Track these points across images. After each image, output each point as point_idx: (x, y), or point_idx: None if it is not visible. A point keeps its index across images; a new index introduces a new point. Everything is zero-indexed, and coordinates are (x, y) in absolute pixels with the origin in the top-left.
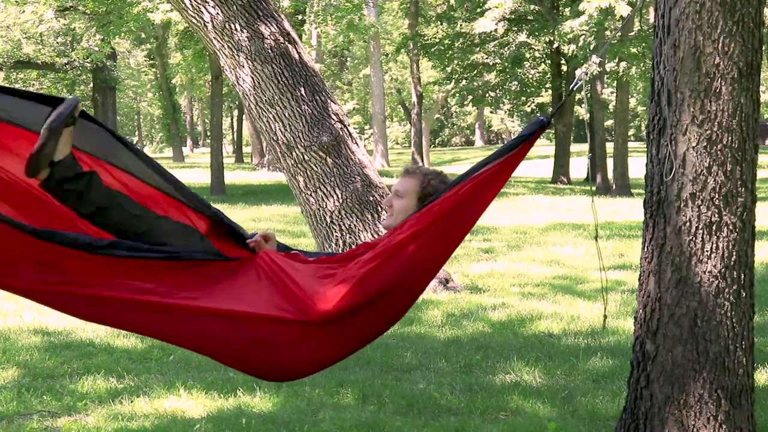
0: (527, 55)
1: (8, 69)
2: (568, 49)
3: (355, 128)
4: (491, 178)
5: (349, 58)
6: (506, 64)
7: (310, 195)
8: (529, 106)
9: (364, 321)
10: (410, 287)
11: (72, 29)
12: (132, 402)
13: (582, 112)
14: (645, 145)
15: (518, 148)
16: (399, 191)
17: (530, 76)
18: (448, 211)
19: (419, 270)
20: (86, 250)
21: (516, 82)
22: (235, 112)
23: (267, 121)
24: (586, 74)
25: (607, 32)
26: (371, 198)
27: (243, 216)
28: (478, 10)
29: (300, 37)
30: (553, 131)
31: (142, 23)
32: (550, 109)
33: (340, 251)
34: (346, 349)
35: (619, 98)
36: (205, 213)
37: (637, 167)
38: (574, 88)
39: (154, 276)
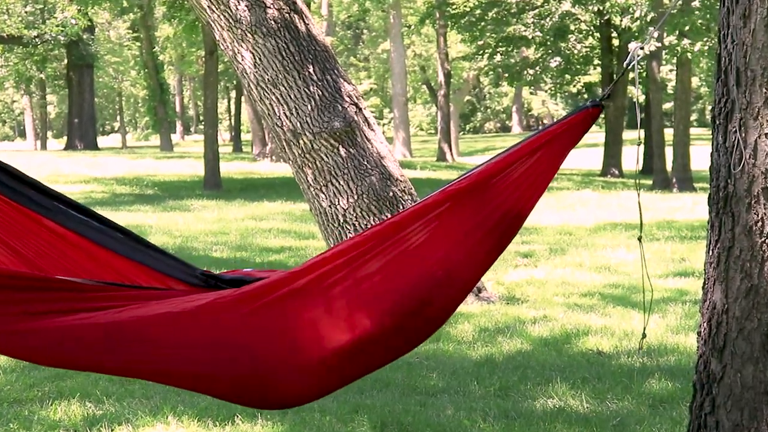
0: (572, 27)
1: None
2: (621, 21)
3: (372, 112)
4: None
5: (365, 31)
6: (548, 37)
7: (320, 190)
8: (574, 86)
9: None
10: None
11: None
12: (112, 431)
13: (636, 93)
14: (710, 132)
15: (556, 125)
16: None
17: (576, 51)
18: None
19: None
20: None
21: (559, 58)
22: (233, 94)
23: (270, 104)
24: (642, 48)
25: (666, 1)
26: (391, 193)
27: (241, 214)
28: None
29: (308, 5)
30: (603, 116)
31: None
32: (600, 90)
33: None
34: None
35: (679, 78)
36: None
37: (701, 157)
38: (628, 66)
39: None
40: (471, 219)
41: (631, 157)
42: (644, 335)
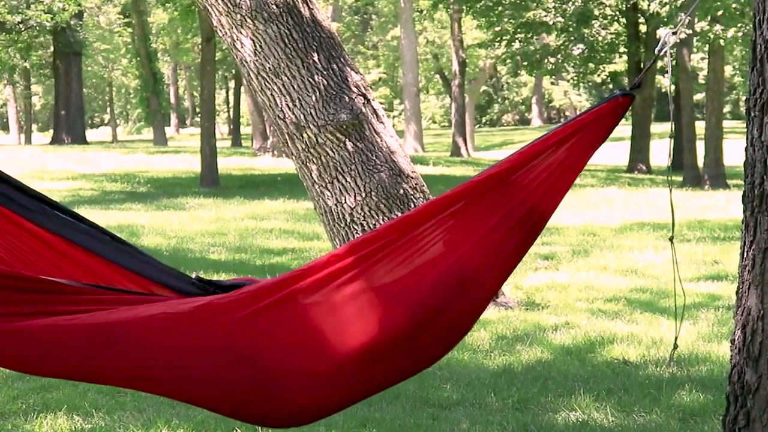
0: (596, 12)
1: None
2: (648, 5)
3: (381, 104)
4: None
5: (373, 16)
6: (570, 22)
7: (325, 187)
8: (598, 75)
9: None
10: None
11: None
12: None
13: (665, 83)
14: (744, 125)
15: (584, 115)
16: None
17: (600, 37)
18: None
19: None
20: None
21: (582, 46)
22: (232, 84)
23: (271, 94)
24: (675, 34)
25: None
26: (401, 191)
27: (240, 213)
28: None
29: None
30: (630, 107)
31: None
32: (627, 80)
33: None
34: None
35: (711, 66)
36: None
37: (735, 152)
38: (660, 53)
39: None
40: (491, 217)
41: (660, 151)
42: (676, 345)
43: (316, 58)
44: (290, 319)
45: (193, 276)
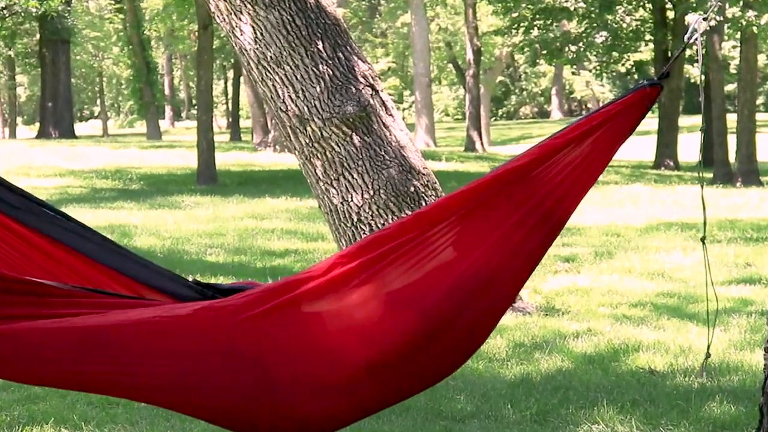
0: None
1: None
2: None
3: (390, 95)
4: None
5: (382, 1)
6: (592, 8)
7: (331, 185)
8: (623, 65)
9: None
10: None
11: None
12: None
13: (694, 73)
14: None
15: (609, 106)
16: None
17: (624, 24)
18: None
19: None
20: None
21: (605, 33)
22: (230, 74)
23: (272, 85)
24: (705, 20)
25: None
26: (412, 188)
27: (240, 212)
28: None
29: None
30: (657, 99)
31: None
32: (653, 70)
33: None
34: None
35: (744, 56)
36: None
37: None
38: (689, 41)
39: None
40: (510, 216)
41: (688, 146)
42: (708, 354)
43: (320, 46)
44: (294, 325)
45: (190, 279)
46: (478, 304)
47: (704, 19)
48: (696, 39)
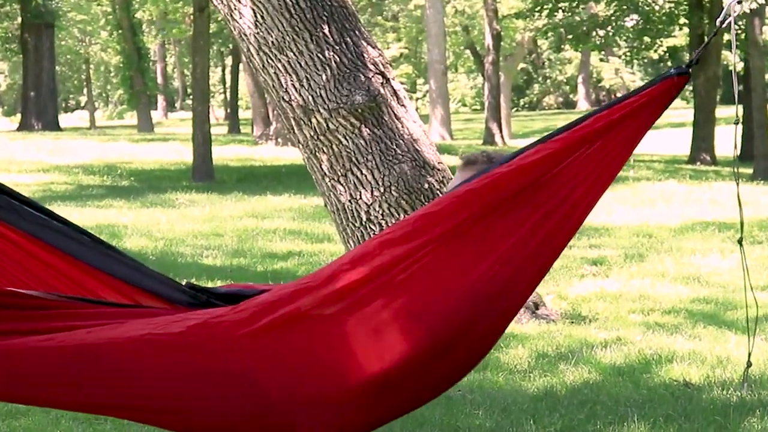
0: None
1: None
2: None
3: (402, 84)
4: (591, 141)
5: None
6: None
7: (338, 181)
8: (655, 51)
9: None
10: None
11: None
12: None
13: (733, 60)
14: None
15: (632, 97)
16: None
17: (657, 7)
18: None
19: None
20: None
21: (636, 16)
22: (229, 61)
23: (274, 73)
24: (740, 3)
25: None
26: (425, 185)
27: (239, 211)
28: None
29: None
30: (691, 88)
31: None
32: (688, 56)
33: None
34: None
35: None
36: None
37: None
38: (722, 25)
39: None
40: (528, 218)
41: (726, 139)
42: (749, 364)
43: (326, 30)
44: (295, 341)
45: (184, 283)
46: (489, 316)
47: (739, 2)
48: (730, 23)
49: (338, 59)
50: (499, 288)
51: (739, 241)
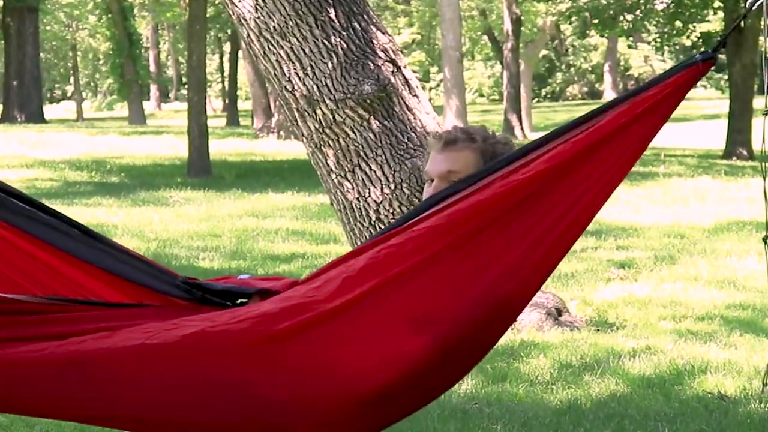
0: None
1: None
2: None
3: (414, 72)
4: (609, 137)
5: None
6: None
7: (345, 177)
8: (688, 37)
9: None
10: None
11: None
12: None
13: (765, 46)
14: None
15: (655, 88)
16: (455, 172)
17: None
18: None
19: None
20: None
21: (667, 0)
22: (227, 48)
23: (276, 60)
24: None
25: None
26: None
27: (238, 210)
28: None
29: None
30: (727, 76)
31: None
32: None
33: None
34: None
35: None
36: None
37: None
38: (752, 7)
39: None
40: (541, 221)
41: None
42: None
43: (333, 14)
44: (298, 352)
45: (181, 279)
46: (495, 325)
47: None
48: (762, 4)
49: (345, 46)
50: (509, 294)
51: (764, 239)
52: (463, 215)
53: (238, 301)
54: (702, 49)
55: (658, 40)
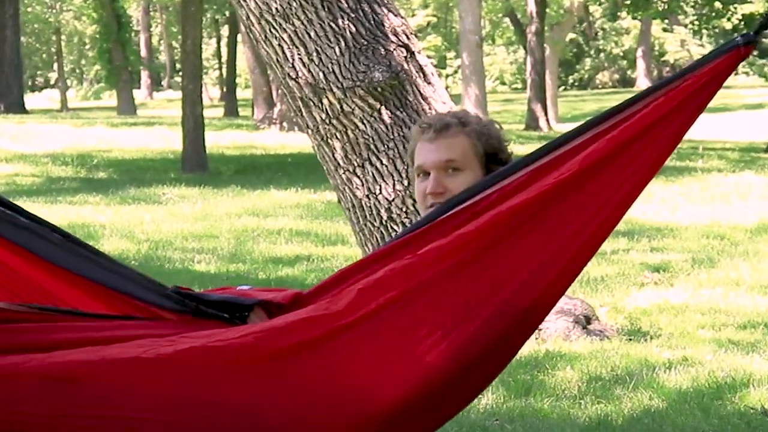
0: None
1: None
2: None
3: (429, 58)
4: (643, 131)
5: None
6: None
7: (354, 173)
8: (728, 19)
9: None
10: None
11: None
12: None
13: None
14: None
15: (693, 76)
16: (454, 160)
17: None
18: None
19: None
20: None
21: None
22: (225, 31)
23: (279, 45)
24: None
25: None
26: None
27: (237, 208)
28: None
29: None
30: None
31: None
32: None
33: None
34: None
35: None
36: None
37: None
38: None
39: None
40: (571, 222)
41: None
42: None
43: None
44: (306, 370)
45: (172, 288)
46: (518, 335)
47: None
48: None
49: (354, 29)
50: (533, 302)
51: None
52: (490, 222)
53: (237, 314)
54: (743, 32)
55: (696, 22)
